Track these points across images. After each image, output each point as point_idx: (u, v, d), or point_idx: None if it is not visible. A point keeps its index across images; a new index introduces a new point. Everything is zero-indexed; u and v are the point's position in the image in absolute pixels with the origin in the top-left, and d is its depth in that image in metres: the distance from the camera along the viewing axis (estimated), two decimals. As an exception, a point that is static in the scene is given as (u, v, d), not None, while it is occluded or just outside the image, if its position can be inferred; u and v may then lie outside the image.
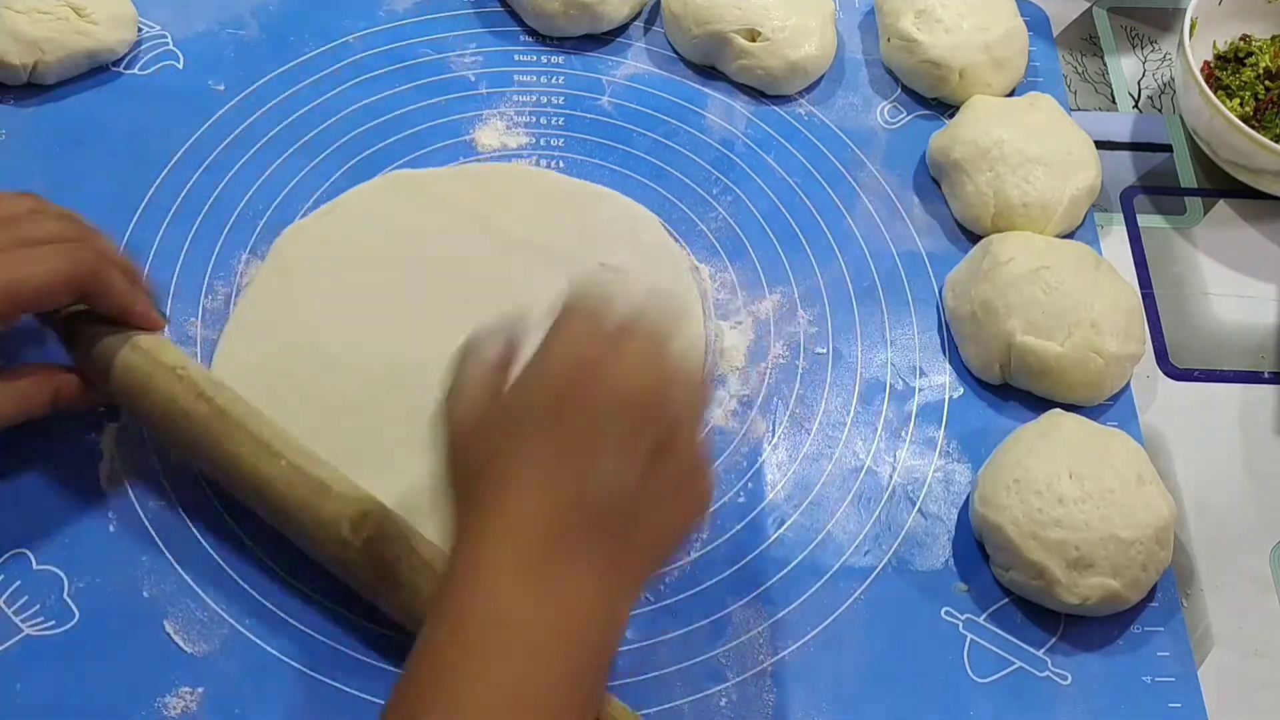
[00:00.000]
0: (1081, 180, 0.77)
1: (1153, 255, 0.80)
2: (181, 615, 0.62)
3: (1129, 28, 0.91)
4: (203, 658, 0.61)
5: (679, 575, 0.65)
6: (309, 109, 0.80)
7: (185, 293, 0.72)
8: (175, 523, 0.65)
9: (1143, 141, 0.85)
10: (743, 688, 0.63)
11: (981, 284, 0.72)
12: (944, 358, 0.74)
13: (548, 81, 0.83)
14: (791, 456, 0.70)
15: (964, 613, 0.65)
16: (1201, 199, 0.83)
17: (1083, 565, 0.63)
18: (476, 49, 0.84)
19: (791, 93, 0.84)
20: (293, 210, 0.76)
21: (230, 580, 0.63)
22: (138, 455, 0.67)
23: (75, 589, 0.63)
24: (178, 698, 0.60)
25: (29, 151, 0.77)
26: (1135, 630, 0.65)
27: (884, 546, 0.67)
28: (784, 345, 0.74)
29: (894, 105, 0.85)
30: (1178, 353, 0.76)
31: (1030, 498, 0.64)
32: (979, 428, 0.71)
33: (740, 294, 0.75)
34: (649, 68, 0.85)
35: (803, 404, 0.72)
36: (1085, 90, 0.87)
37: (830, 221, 0.79)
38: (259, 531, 0.64)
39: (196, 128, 0.79)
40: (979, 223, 0.77)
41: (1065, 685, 0.64)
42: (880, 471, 0.70)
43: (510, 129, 0.81)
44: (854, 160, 0.81)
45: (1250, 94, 0.82)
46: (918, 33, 0.82)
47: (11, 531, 0.64)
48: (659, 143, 0.81)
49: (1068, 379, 0.70)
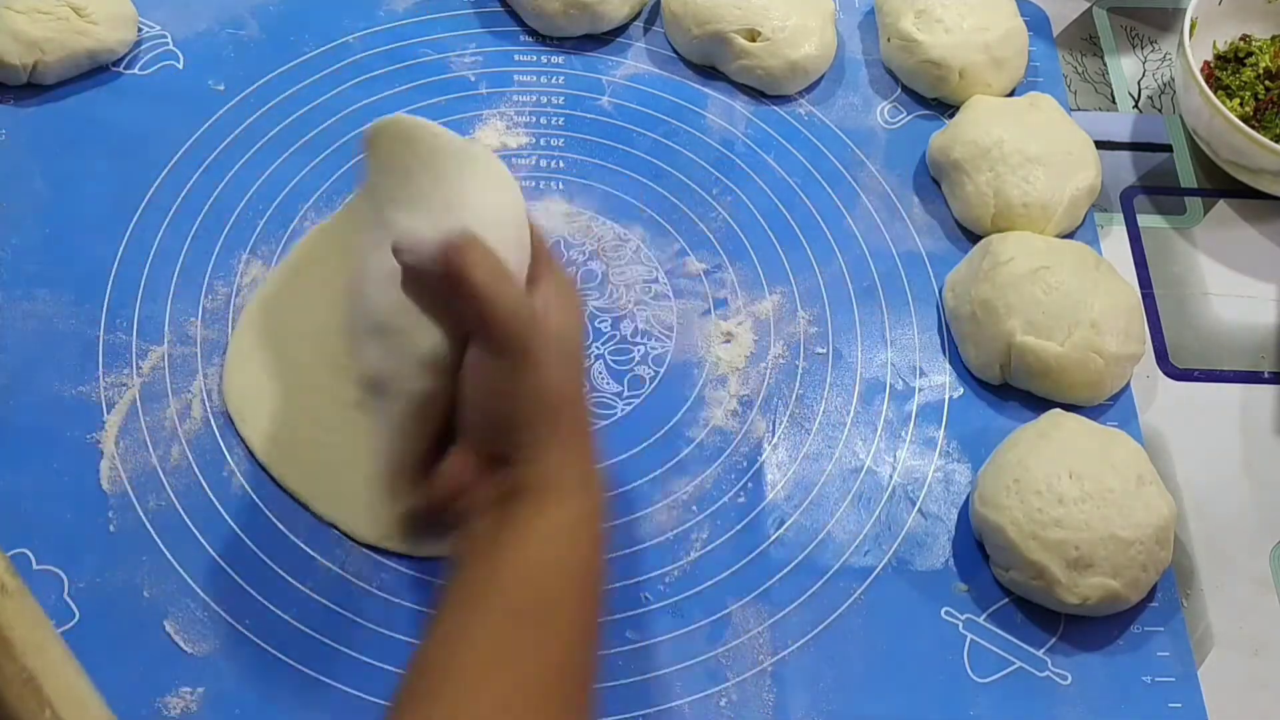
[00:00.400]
0: (1081, 180, 0.77)
1: (1153, 255, 0.80)
2: (181, 615, 0.62)
3: (1129, 28, 0.91)
4: (203, 658, 0.61)
5: (679, 575, 0.65)
6: (309, 109, 0.80)
7: (185, 293, 0.72)
8: (175, 523, 0.65)
9: (1143, 141, 0.85)
10: (743, 688, 0.63)
11: (981, 284, 0.72)
12: (944, 358, 0.74)
13: (548, 81, 0.83)
14: (791, 456, 0.70)
15: (964, 613, 0.65)
16: (1201, 199, 0.83)
17: (1083, 565, 0.63)
18: (476, 49, 0.84)
19: (791, 93, 0.84)
20: (293, 210, 0.76)
21: (230, 580, 0.63)
22: (138, 455, 0.67)
23: (75, 589, 0.63)
24: (178, 698, 0.60)
25: (29, 151, 0.77)
26: (1135, 630, 0.65)
27: (884, 546, 0.67)
28: (784, 345, 0.74)
29: (894, 105, 0.85)
30: (1178, 353, 0.76)
31: (1030, 498, 0.64)
32: (979, 428, 0.71)
33: (740, 294, 0.75)
34: (649, 68, 0.85)
35: (803, 404, 0.72)
36: (1085, 90, 0.87)
37: (830, 221, 0.79)
38: (259, 532, 0.64)
39: (196, 128, 0.79)
40: (979, 223, 0.77)
41: (1065, 685, 0.64)
42: (880, 471, 0.70)
43: (510, 129, 0.81)
44: (854, 160, 0.81)
45: (1250, 94, 0.82)
46: (918, 33, 0.82)
47: (11, 531, 0.64)
48: (659, 143, 0.81)
49: (1068, 379, 0.70)
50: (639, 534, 0.66)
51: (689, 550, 0.66)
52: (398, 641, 0.62)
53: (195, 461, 0.67)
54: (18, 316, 0.71)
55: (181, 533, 0.65)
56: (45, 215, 0.75)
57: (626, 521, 0.67)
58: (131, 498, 0.65)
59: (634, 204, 0.78)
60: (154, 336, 0.71)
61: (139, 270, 0.73)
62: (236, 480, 0.66)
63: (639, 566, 0.65)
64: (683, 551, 0.66)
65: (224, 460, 0.67)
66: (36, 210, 0.75)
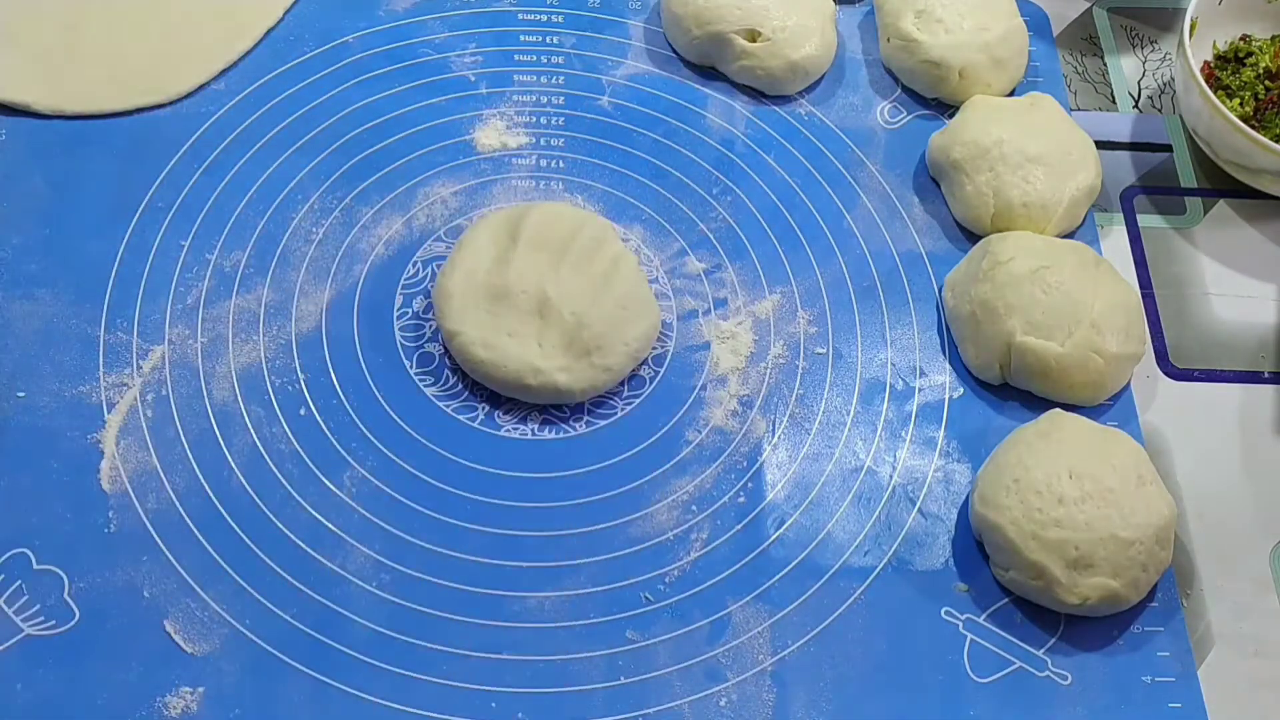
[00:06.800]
0: (1081, 180, 0.77)
1: (1153, 255, 0.80)
2: (181, 615, 0.62)
3: (1129, 28, 0.91)
4: (203, 658, 0.61)
5: (679, 575, 0.65)
6: (309, 109, 0.80)
7: (185, 292, 0.72)
8: (175, 523, 0.65)
9: (1143, 141, 0.85)
10: (743, 688, 0.63)
11: (981, 284, 0.72)
12: (944, 358, 0.74)
13: (548, 82, 0.83)
14: (791, 456, 0.70)
15: (964, 613, 0.65)
16: (1201, 199, 0.83)
17: (1083, 565, 0.63)
18: (476, 49, 0.84)
19: (791, 93, 0.84)
20: (293, 210, 0.76)
21: (230, 580, 0.63)
22: (138, 455, 0.67)
23: (75, 589, 0.63)
24: (178, 698, 0.60)
25: (29, 151, 0.77)
26: (1135, 630, 0.65)
27: (884, 546, 0.67)
28: (784, 345, 0.74)
29: (894, 105, 0.85)
30: (1178, 353, 0.76)
31: (1030, 498, 0.64)
32: (979, 428, 0.71)
33: (740, 294, 0.75)
34: (649, 68, 0.85)
35: (803, 404, 0.72)
36: (1085, 90, 0.87)
37: (830, 221, 0.79)
38: (259, 531, 0.65)
39: (196, 128, 0.79)
40: (979, 223, 0.77)
41: (1065, 685, 0.64)
42: (880, 471, 0.70)
43: (510, 129, 0.81)
44: (854, 160, 0.81)
45: (1250, 94, 0.82)
46: (918, 33, 0.82)
47: (11, 531, 0.64)
48: (659, 143, 0.81)
49: (1068, 379, 0.70)
50: (639, 534, 0.66)
51: (689, 550, 0.66)
52: (398, 641, 0.62)
53: (195, 461, 0.67)
54: (18, 316, 0.71)
55: (181, 533, 0.65)
56: (45, 215, 0.75)
57: (626, 521, 0.67)
58: (131, 498, 0.65)
59: (634, 204, 0.78)
60: (154, 336, 0.71)
61: (139, 270, 0.73)
62: (236, 480, 0.66)
63: (639, 566, 0.65)
64: (683, 551, 0.66)
65: (224, 460, 0.67)
66: (36, 210, 0.75)
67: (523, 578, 0.65)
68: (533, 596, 0.64)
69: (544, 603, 0.64)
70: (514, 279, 0.70)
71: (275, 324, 0.72)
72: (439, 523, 0.66)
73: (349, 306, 0.73)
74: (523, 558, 0.65)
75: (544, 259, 0.71)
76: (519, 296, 0.70)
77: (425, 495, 0.67)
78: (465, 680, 0.62)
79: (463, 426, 0.69)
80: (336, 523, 0.66)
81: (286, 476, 0.67)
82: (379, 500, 0.67)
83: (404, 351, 0.72)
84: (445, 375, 0.71)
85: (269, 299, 0.73)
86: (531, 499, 0.67)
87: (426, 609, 0.63)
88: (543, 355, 0.69)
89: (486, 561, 0.65)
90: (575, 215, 0.73)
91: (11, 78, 0.78)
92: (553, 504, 0.67)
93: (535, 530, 0.66)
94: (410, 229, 0.76)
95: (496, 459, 0.68)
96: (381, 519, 0.66)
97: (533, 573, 0.65)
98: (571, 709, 0.62)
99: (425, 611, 0.63)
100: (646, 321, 0.71)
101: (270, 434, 0.68)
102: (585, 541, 0.66)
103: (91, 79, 0.79)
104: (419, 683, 0.62)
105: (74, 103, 0.78)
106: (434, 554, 0.65)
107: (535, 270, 0.70)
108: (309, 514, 0.66)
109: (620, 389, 0.71)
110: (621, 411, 0.71)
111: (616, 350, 0.69)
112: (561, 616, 0.64)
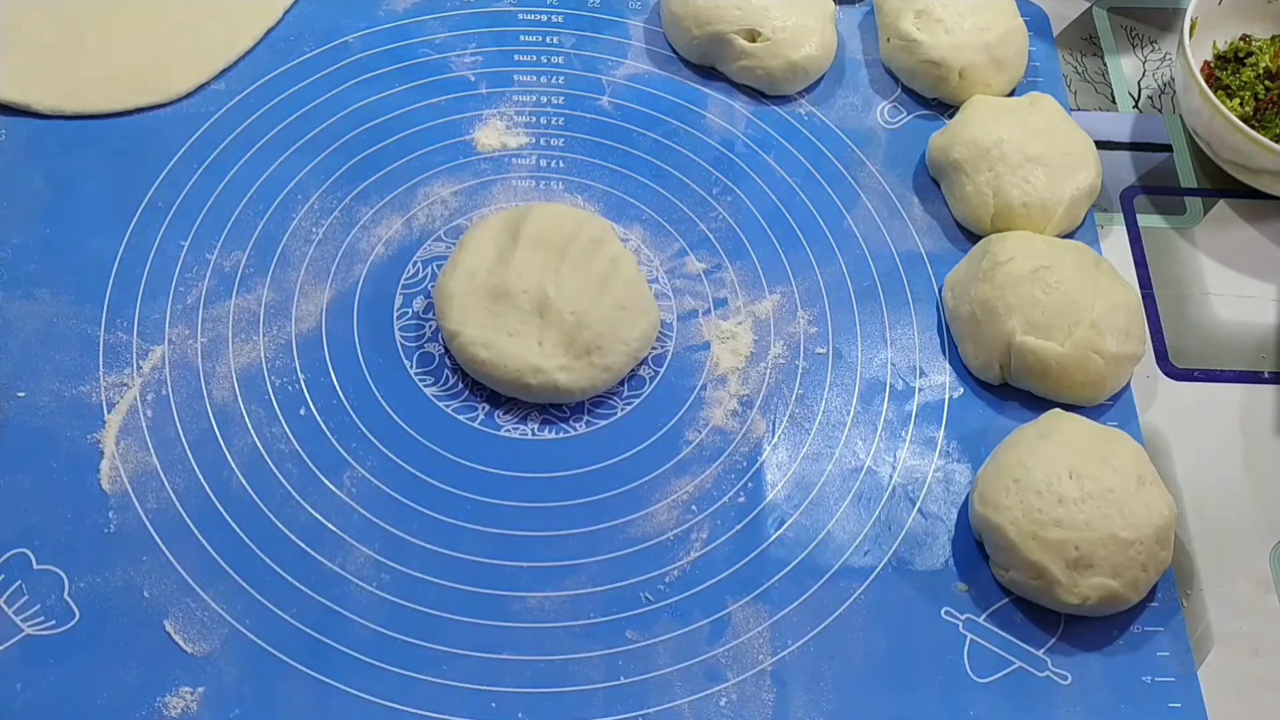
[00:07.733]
0: (1081, 180, 0.77)
1: (1153, 255, 0.80)
2: (181, 615, 0.62)
3: (1129, 28, 0.91)
4: (203, 658, 0.61)
5: (679, 575, 0.65)
6: (309, 109, 0.80)
7: (185, 292, 0.72)
8: (175, 523, 0.65)
9: (1143, 141, 0.85)
10: (743, 688, 0.63)
11: (981, 284, 0.72)
12: (944, 358, 0.74)
13: (548, 81, 0.83)
14: (791, 456, 0.70)
15: (964, 613, 0.65)
16: (1201, 199, 0.83)
17: (1083, 565, 0.63)
18: (476, 49, 0.84)
19: (791, 93, 0.84)
20: (293, 210, 0.76)
21: (230, 580, 0.63)
22: (138, 455, 0.67)
23: (75, 589, 0.63)
24: (178, 698, 0.60)
25: (29, 151, 0.77)
26: (1135, 630, 0.65)
27: (884, 546, 0.67)
28: (784, 345, 0.74)
29: (894, 105, 0.85)
30: (1178, 353, 0.76)
31: (1030, 498, 0.64)
32: (979, 428, 0.71)
33: (740, 294, 0.75)
34: (649, 68, 0.85)
35: (803, 404, 0.72)
36: (1085, 90, 0.87)
37: (830, 221, 0.79)
38: (259, 531, 0.65)
39: (196, 128, 0.79)
40: (979, 223, 0.77)
41: (1065, 685, 0.64)
42: (880, 471, 0.70)
43: (510, 129, 0.81)
44: (854, 160, 0.81)
45: (1250, 94, 0.82)
46: (918, 33, 0.82)
47: (11, 531, 0.64)
48: (659, 143, 0.81)
49: (1068, 379, 0.70)
50: (639, 534, 0.66)
51: (689, 550, 0.66)
52: (398, 641, 0.62)
53: (195, 461, 0.67)
54: (17, 316, 0.71)
55: (181, 533, 0.65)
56: (45, 215, 0.75)
57: (626, 521, 0.67)
58: (131, 498, 0.65)
59: (634, 204, 0.78)
60: (154, 336, 0.71)
61: (139, 270, 0.73)
62: (236, 480, 0.66)
63: (639, 566, 0.65)
64: (683, 551, 0.66)
65: (224, 460, 0.67)
66: (36, 210, 0.75)
67: (523, 578, 0.65)
68: (533, 596, 0.64)
69: (544, 603, 0.64)
70: (514, 279, 0.70)
71: (275, 324, 0.72)
72: (439, 523, 0.66)
73: (349, 306, 0.73)
74: (523, 558, 0.65)
75: (544, 259, 0.71)
76: (519, 296, 0.70)
77: (425, 495, 0.67)
78: (465, 680, 0.62)
79: (463, 426, 0.69)
80: (336, 523, 0.66)
81: (286, 476, 0.67)
82: (379, 500, 0.67)
83: (404, 351, 0.72)
84: (445, 375, 0.71)
85: (269, 299, 0.73)
86: (531, 499, 0.67)
87: (426, 609, 0.63)
88: (543, 355, 0.69)
89: (486, 561, 0.65)
90: (575, 215, 0.73)
91: (11, 78, 0.78)
92: (553, 504, 0.67)
93: (535, 530, 0.66)
94: (410, 229, 0.76)
95: (496, 459, 0.68)
96: (381, 519, 0.66)
97: (533, 573, 0.65)
98: (571, 709, 0.62)
99: (425, 611, 0.63)
100: (646, 321, 0.71)
101: (270, 434, 0.68)
102: (585, 541, 0.66)
103: (91, 79, 0.79)
104: (419, 683, 0.62)
105: (74, 103, 0.78)
106: (434, 554, 0.65)
107: (535, 270, 0.70)
108: (309, 514, 0.66)
109: (620, 389, 0.71)
110: (621, 411, 0.71)
111: (616, 350, 0.69)
112: (561, 616, 0.64)
